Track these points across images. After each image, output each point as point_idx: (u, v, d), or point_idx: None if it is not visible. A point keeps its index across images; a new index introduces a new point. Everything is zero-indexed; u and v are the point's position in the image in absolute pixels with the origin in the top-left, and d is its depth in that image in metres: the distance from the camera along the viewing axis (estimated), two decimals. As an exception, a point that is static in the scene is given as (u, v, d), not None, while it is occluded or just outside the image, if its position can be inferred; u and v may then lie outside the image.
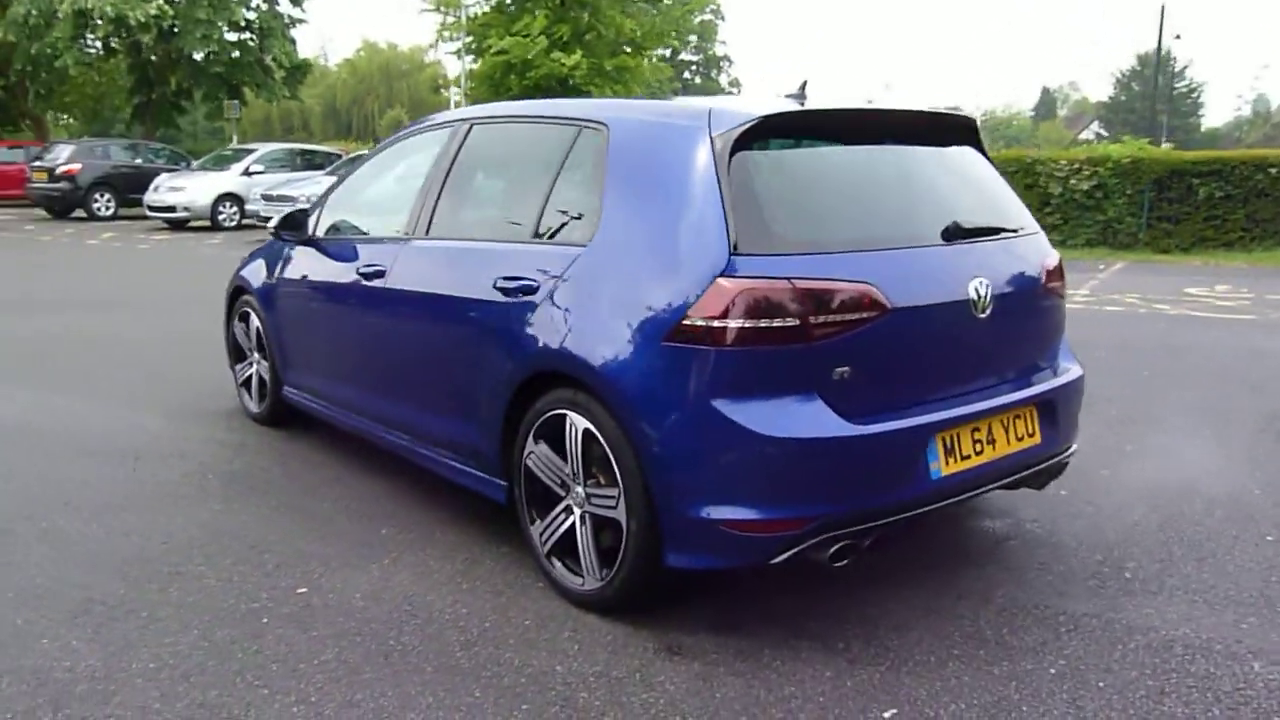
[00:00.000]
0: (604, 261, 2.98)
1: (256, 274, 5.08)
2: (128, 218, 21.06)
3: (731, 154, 2.79)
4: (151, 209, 19.25)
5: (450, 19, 22.98)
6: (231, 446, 4.87)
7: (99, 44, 27.93)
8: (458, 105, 26.42)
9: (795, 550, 2.71)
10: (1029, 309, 3.25)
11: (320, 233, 4.52)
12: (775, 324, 2.62)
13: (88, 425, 5.21)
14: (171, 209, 18.86)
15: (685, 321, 2.68)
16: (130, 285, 11.60)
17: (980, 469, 2.97)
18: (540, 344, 3.08)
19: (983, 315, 2.96)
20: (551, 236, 3.23)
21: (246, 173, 19.20)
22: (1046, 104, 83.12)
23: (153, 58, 29.55)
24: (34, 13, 25.44)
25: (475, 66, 24.09)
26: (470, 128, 3.83)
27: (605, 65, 21.29)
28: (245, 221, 18.50)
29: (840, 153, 3.11)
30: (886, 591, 3.22)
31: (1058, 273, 3.40)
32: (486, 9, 22.10)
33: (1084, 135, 67.40)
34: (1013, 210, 3.41)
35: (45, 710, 2.52)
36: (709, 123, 2.86)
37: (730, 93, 79.41)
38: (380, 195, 4.37)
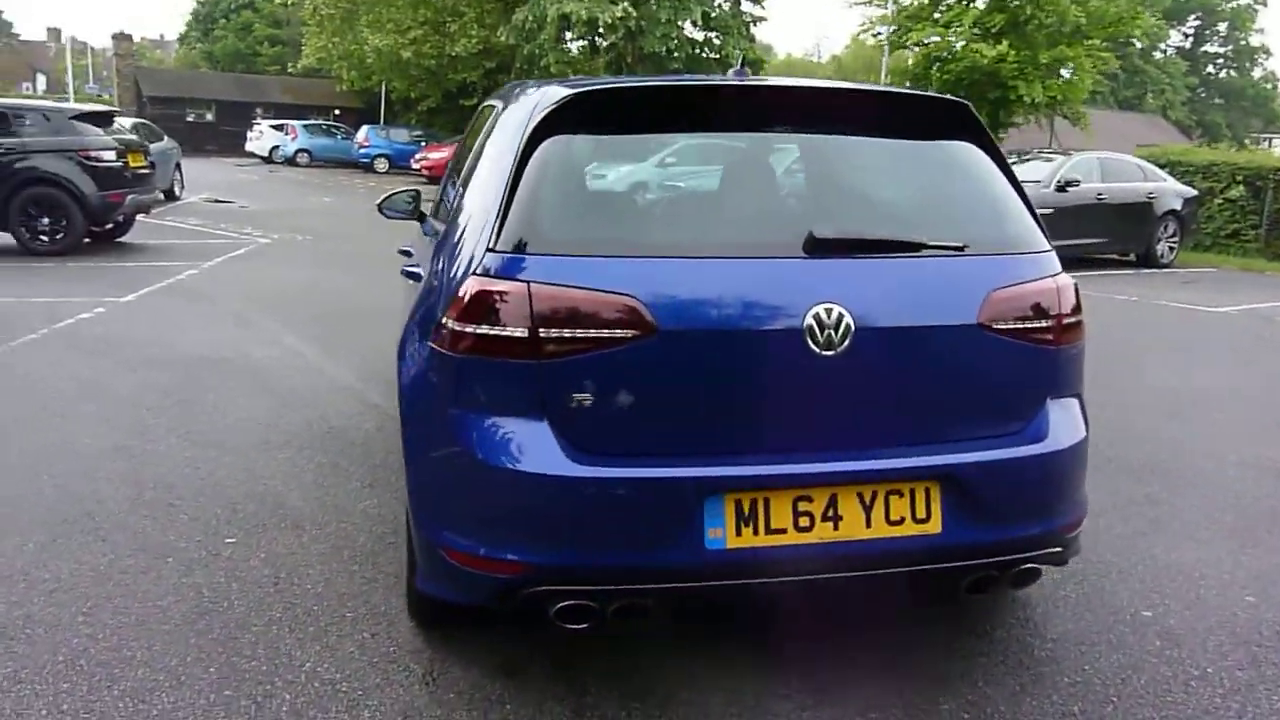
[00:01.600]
0: (438, 251, 2.77)
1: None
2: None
3: (539, 139, 2.42)
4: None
5: (878, 11, 22.36)
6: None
7: (581, 44, 31.27)
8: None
9: (517, 598, 2.32)
10: (943, 351, 2.41)
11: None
12: (502, 333, 2.26)
13: (326, 379, 5.89)
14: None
15: (440, 321, 2.41)
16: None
17: (805, 551, 2.30)
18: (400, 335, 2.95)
19: (830, 352, 2.27)
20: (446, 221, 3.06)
21: (661, 164, 20.40)
22: None
23: (626, 57, 32.47)
24: (529, 18, 29.24)
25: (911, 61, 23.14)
26: (482, 109, 3.75)
27: (1040, 56, 19.26)
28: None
29: (673, 141, 2.54)
30: (741, 674, 2.64)
31: (1038, 310, 2.48)
32: (915, 1, 21.09)
33: None
34: (974, 221, 2.55)
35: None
36: (537, 103, 2.51)
37: (1266, 89, 67.42)
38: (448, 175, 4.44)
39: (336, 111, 43.26)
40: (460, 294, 2.33)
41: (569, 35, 29.82)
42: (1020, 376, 2.50)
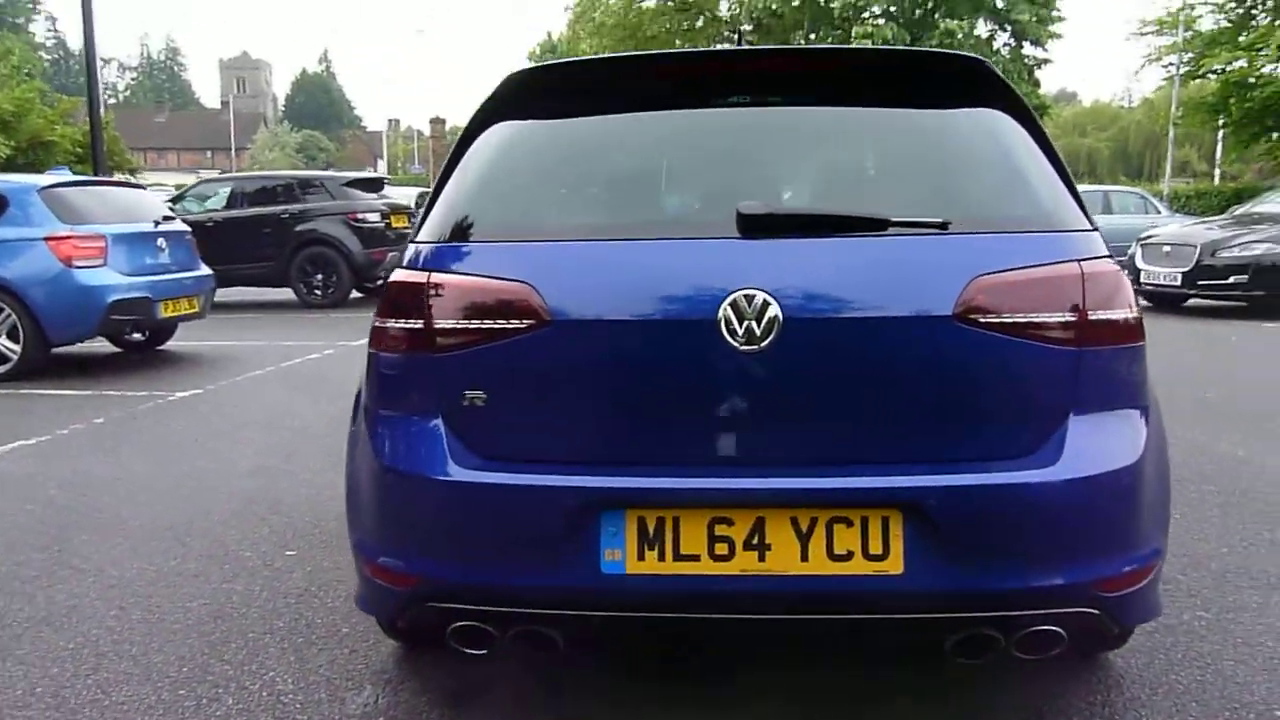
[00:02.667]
0: None
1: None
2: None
3: (485, 124, 2.31)
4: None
5: (1167, 40, 20.13)
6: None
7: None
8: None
9: (418, 615, 2.14)
10: (907, 349, 1.95)
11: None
12: (403, 325, 2.12)
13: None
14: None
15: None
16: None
17: (723, 584, 1.93)
18: None
19: (753, 347, 1.92)
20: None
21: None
22: None
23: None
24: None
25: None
26: None
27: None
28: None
29: (611, 117, 2.26)
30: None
31: (1050, 301, 1.97)
32: (1215, 25, 18.82)
33: None
34: (974, 196, 2.09)
35: None
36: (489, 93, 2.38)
37: None
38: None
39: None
40: (386, 290, 2.23)
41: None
42: (1023, 383, 1.99)
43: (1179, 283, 10.69)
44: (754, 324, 1.92)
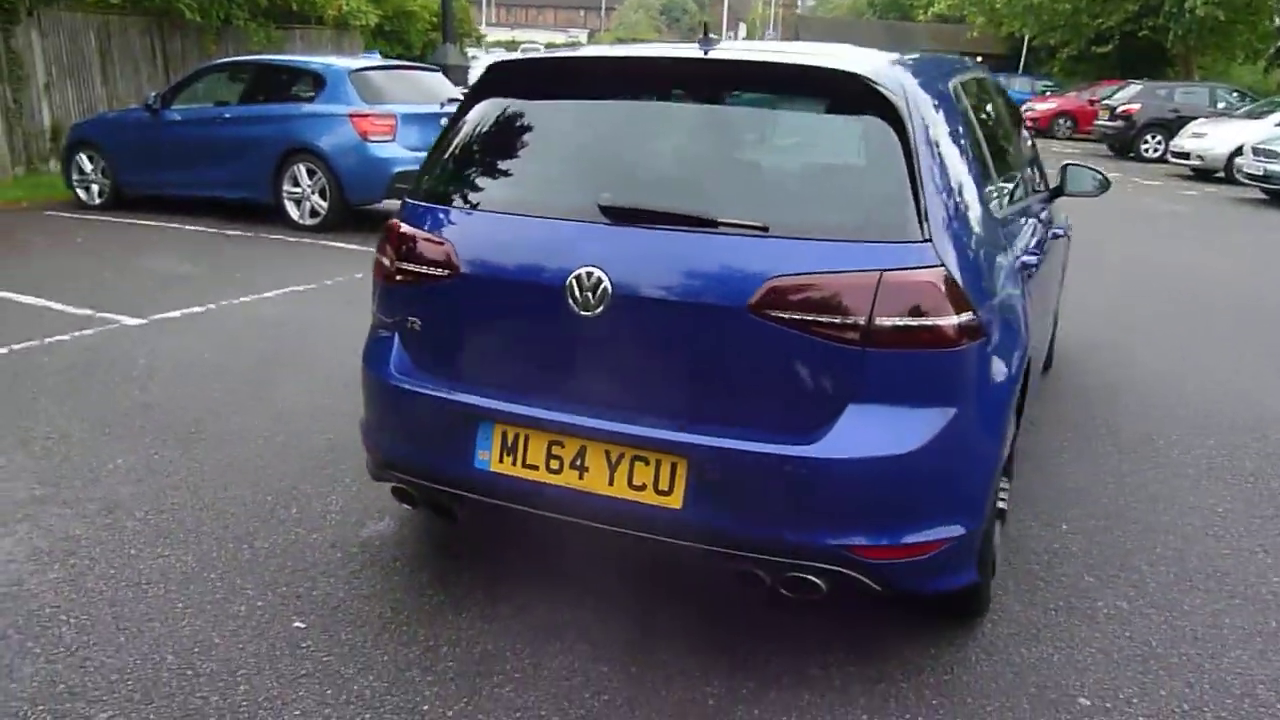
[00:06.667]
0: None
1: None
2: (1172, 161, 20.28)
3: (471, 104, 2.91)
4: (1173, 154, 18.54)
5: None
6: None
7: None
8: None
9: (382, 476, 2.92)
10: (707, 331, 2.35)
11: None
12: (381, 259, 2.83)
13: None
14: (1187, 156, 17.86)
15: (386, 253, 3.03)
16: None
17: (552, 491, 2.51)
18: None
19: (588, 313, 2.42)
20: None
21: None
22: None
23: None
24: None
25: None
26: None
27: None
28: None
29: (554, 107, 2.74)
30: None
31: (835, 305, 2.25)
32: None
33: None
34: (809, 203, 2.41)
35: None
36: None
37: None
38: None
39: (978, 58, 42.43)
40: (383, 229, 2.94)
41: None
42: (803, 371, 2.32)
43: None
44: (590, 294, 2.41)
